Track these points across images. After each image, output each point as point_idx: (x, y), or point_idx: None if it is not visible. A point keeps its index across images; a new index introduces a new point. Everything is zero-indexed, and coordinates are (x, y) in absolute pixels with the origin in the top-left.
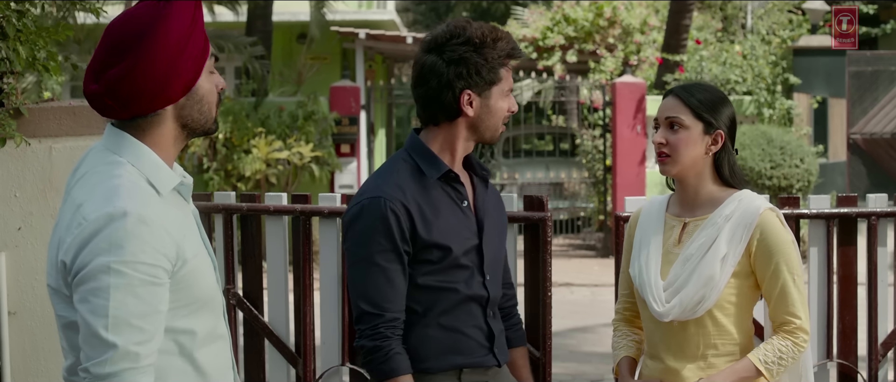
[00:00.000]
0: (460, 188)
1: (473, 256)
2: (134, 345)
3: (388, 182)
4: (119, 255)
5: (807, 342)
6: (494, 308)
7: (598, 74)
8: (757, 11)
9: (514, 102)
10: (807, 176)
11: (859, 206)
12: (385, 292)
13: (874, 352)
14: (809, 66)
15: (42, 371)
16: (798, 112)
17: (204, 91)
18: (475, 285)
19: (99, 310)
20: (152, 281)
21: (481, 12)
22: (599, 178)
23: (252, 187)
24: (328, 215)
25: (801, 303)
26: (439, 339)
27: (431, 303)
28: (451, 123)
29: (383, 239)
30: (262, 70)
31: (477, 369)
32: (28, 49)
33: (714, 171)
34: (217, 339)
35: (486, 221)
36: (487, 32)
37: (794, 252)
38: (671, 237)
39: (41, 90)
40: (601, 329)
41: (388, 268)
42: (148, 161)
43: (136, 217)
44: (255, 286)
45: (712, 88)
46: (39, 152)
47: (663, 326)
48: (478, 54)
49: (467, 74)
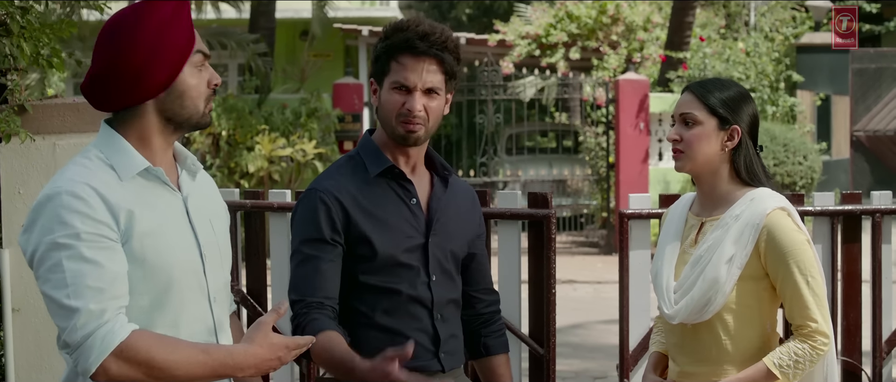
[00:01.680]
0: (407, 185)
1: (418, 255)
2: (95, 304)
3: (328, 176)
4: (62, 229)
5: (827, 345)
6: (444, 311)
7: (601, 71)
8: (760, 8)
9: (412, 101)
10: (810, 173)
11: (863, 203)
12: (309, 278)
13: (878, 349)
14: (813, 63)
15: (46, 367)
16: (801, 109)
17: (186, 86)
18: (419, 285)
19: (59, 284)
20: (99, 246)
21: (484, 9)
22: (602, 175)
23: (255, 184)
24: None
25: (816, 306)
26: (380, 340)
27: (374, 303)
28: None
29: (312, 229)
30: (265, 67)
31: (419, 372)
32: (32, 46)
33: (731, 168)
34: (195, 321)
35: (437, 220)
36: (392, 27)
37: (808, 253)
38: (689, 237)
39: (45, 87)
40: (604, 326)
41: (314, 257)
42: (115, 148)
43: (69, 193)
44: (258, 284)
45: (732, 84)
46: (43, 149)
47: (677, 328)
48: (380, 44)
49: (374, 61)
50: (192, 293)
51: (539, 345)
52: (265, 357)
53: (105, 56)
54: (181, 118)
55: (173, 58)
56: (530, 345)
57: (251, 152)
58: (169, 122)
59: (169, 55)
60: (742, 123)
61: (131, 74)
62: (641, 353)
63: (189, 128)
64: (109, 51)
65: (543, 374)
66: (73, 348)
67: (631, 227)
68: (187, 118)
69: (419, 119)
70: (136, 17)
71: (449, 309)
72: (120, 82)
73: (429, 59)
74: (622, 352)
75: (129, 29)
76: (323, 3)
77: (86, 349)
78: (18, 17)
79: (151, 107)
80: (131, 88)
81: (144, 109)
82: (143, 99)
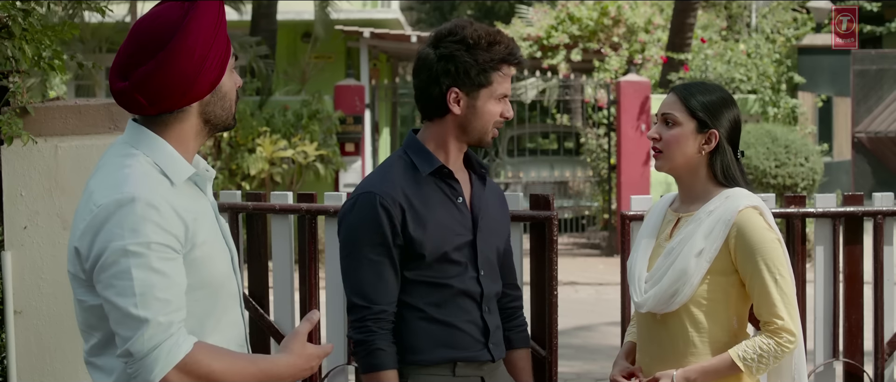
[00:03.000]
0: (454, 184)
1: (467, 251)
2: (163, 316)
3: (382, 178)
4: (134, 237)
5: (793, 342)
6: (491, 304)
7: (602, 72)
8: (761, 10)
9: (510, 109)
10: (811, 175)
11: (865, 205)
12: (374, 285)
13: (880, 351)
14: (814, 64)
15: (48, 369)
16: (803, 111)
17: (227, 88)
18: (468, 280)
19: (126, 291)
20: (167, 257)
21: (486, 11)
22: (604, 177)
23: (257, 187)
24: (334, 213)
25: (783, 303)
26: (432, 332)
27: (425, 297)
28: (441, 119)
29: (374, 234)
30: (266, 69)
31: (471, 363)
32: (34, 48)
33: (709, 170)
34: (230, 326)
35: (481, 217)
36: (484, 35)
37: (777, 251)
38: (665, 232)
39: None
40: (606, 328)
41: (378, 262)
42: (163, 153)
43: (145, 202)
44: (260, 285)
45: (717, 88)
46: (45, 151)
47: (647, 318)
48: (469, 54)
49: (455, 72)
50: (230, 299)
51: (541, 347)
52: (302, 366)
53: (159, 56)
54: (219, 120)
55: (222, 59)
56: (532, 347)
57: (252, 154)
58: (206, 124)
59: (219, 57)
60: (721, 128)
61: (189, 75)
62: None
63: (221, 129)
64: (166, 51)
65: (546, 376)
66: (137, 358)
67: (632, 228)
68: (224, 120)
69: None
70: (189, 18)
71: (494, 302)
72: (178, 84)
73: (517, 66)
74: None
75: (183, 30)
76: (325, 5)
77: (150, 360)
78: (20, 19)
79: (195, 109)
80: (187, 90)
81: (189, 112)
82: (192, 100)
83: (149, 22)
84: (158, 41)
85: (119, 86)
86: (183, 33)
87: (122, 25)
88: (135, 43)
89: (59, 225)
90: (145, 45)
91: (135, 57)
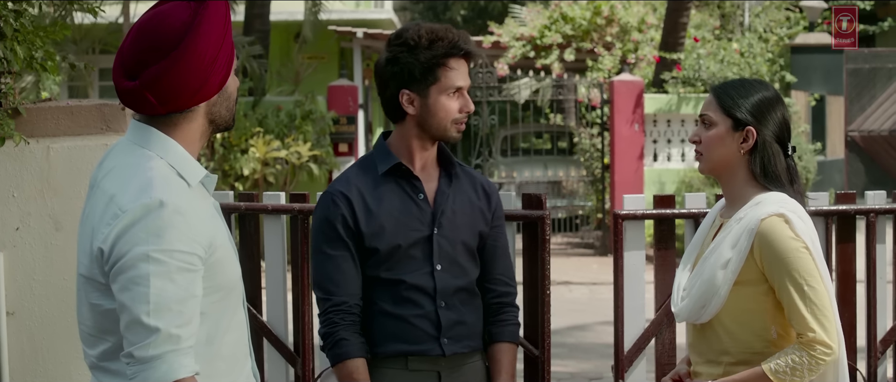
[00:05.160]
0: (415, 182)
1: (423, 246)
2: (175, 328)
3: (340, 178)
4: (157, 244)
5: (828, 354)
6: (449, 299)
7: (595, 72)
8: (754, 9)
9: (469, 102)
10: (805, 174)
11: (858, 203)
12: (332, 278)
13: (873, 349)
14: (807, 63)
15: (40, 371)
16: (796, 110)
17: (231, 88)
18: (422, 275)
19: (140, 297)
20: (188, 268)
21: (479, 11)
22: (597, 176)
23: (250, 187)
24: None
25: (812, 315)
26: (387, 326)
27: (381, 291)
28: (403, 122)
29: (329, 229)
30: (259, 69)
31: (423, 357)
32: (25, 49)
33: (749, 170)
34: (239, 327)
35: (444, 213)
36: (425, 33)
37: (803, 260)
38: (709, 236)
39: (39, 90)
40: (599, 327)
41: (336, 256)
42: (176, 154)
43: (173, 208)
44: (253, 286)
45: (757, 85)
46: (37, 152)
47: (690, 326)
48: (411, 55)
49: (401, 73)
50: (239, 299)
51: (534, 346)
52: None
53: (171, 56)
54: (222, 120)
55: (229, 59)
56: (525, 346)
57: (245, 155)
58: (211, 123)
59: (227, 57)
60: (760, 125)
61: (201, 75)
62: (636, 354)
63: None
64: (178, 51)
65: (538, 375)
66: (138, 361)
67: (625, 228)
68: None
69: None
70: (201, 18)
71: (458, 297)
72: (190, 83)
73: (466, 58)
74: (617, 353)
75: (196, 30)
76: (315, 6)
77: (150, 368)
78: (12, 20)
79: (203, 109)
80: (198, 90)
81: (198, 112)
82: (202, 100)
83: (156, 22)
84: (170, 41)
85: (126, 85)
86: (195, 33)
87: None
88: (142, 42)
89: (51, 226)
90: (155, 44)
91: (144, 56)
